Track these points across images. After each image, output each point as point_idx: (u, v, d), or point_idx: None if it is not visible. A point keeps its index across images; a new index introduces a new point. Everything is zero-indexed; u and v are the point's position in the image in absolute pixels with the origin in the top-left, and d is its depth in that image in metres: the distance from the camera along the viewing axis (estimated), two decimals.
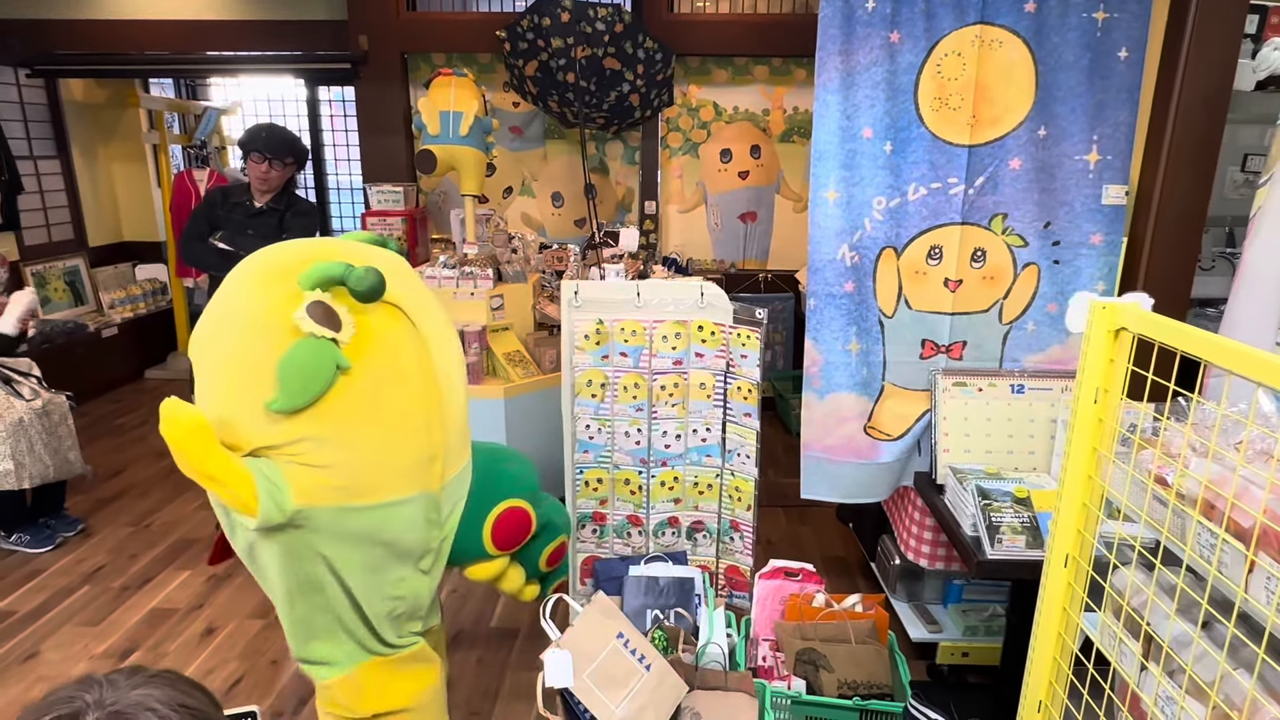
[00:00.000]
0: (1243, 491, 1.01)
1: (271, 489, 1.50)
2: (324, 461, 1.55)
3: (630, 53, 4.04)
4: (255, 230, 3.08)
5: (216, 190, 3.24)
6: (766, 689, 1.85)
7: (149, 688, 0.80)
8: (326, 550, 1.61)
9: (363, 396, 1.57)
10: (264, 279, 1.59)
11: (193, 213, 3.18)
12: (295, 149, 3.17)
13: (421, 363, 1.67)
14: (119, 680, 0.81)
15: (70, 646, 2.48)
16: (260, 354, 1.50)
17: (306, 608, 1.67)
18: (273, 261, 1.62)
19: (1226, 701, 1.01)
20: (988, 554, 1.83)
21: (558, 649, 1.68)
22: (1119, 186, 2.16)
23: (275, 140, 3.11)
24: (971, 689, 2.33)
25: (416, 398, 1.66)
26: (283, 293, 1.53)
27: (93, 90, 5.08)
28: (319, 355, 1.51)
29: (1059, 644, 1.34)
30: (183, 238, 3.17)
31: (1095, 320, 1.21)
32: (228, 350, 1.54)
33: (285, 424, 1.51)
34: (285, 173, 3.14)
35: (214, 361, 1.56)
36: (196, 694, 0.84)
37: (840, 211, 2.23)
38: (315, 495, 1.55)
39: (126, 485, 3.63)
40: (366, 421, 1.58)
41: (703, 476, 2.38)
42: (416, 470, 1.67)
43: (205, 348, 1.58)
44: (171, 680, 0.83)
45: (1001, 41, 2.11)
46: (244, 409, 1.52)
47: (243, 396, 1.52)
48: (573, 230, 4.76)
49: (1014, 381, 2.21)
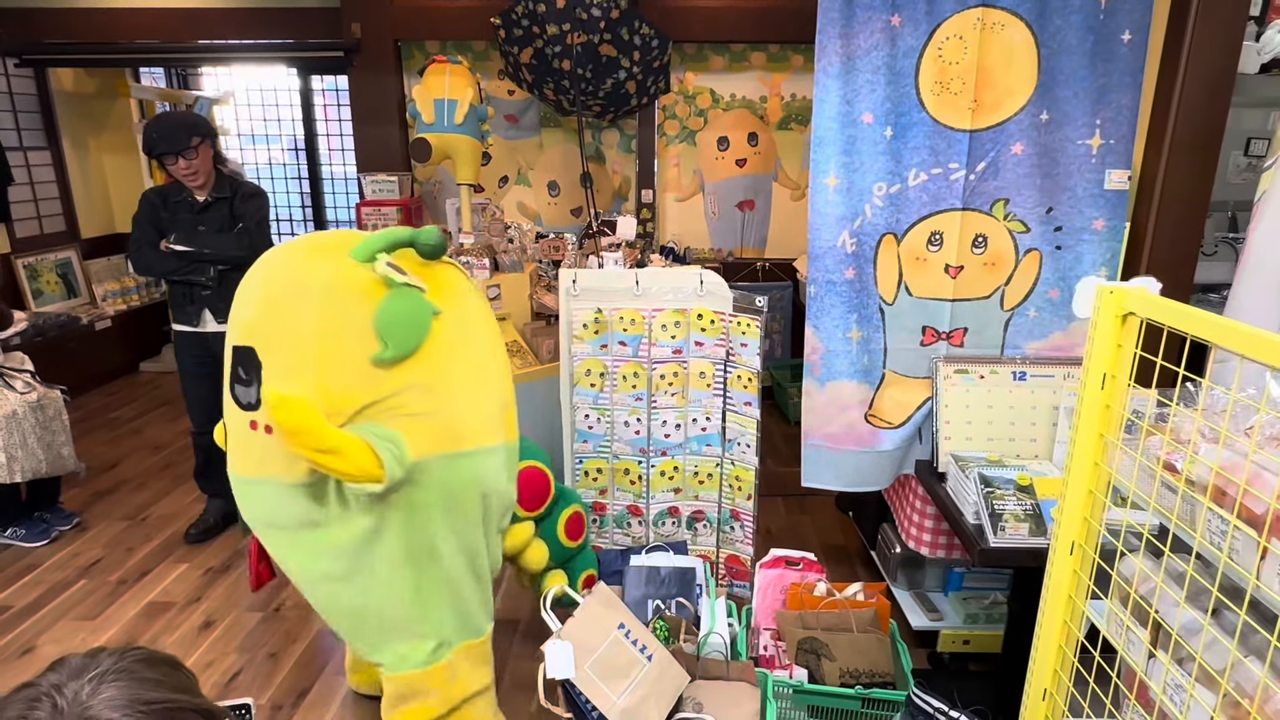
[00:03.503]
0: (1254, 477, 0.99)
1: (389, 446, 1.53)
2: (427, 409, 1.59)
3: (626, 39, 4.00)
4: (207, 226, 2.87)
5: (153, 192, 2.93)
6: (768, 678, 1.84)
7: (109, 689, 0.73)
8: (442, 509, 1.65)
9: (451, 342, 1.64)
10: (316, 253, 1.60)
11: (134, 220, 2.87)
12: (196, 127, 2.82)
13: (484, 311, 1.77)
14: (74, 689, 0.72)
15: (67, 641, 2.47)
16: (352, 314, 1.53)
17: (425, 585, 1.70)
18: (312, 242, 1.67)
19: (1237, 689, 1.00)
20: (990, 542, 1.82)
21: (559, 640, 1.67)
22: (1122, 171, 2.14)
23: (169, 131, 2.77)
24: (973, 677, 2.33)
25: (489, 344, 1.75)
26: (344, 262, 1.56)
27: (83, 80, 5.03)
28: (416, 303, 1.57)
29: (1064, 632, 1.33)
30: (131, 247, 2.89)
31: (1103, 305, 1.19)
32: (315, 319, 1.53)
33: (391, 376, 1.56)
34: (204, 156, 2.82)
35: (298, 334, 1.54)
36: (161, 680, 0.76)
37: (840, 198, 2.20)
38: (425, 444, 1.59)
39: (121, 479, 3.61)
40: (457, 365, 1.65)
41: (703, 466, 2.36)
42: (498, 416, 1.75)
43: (280, 326, 1.55)
44: (132, 670, 0.75)
45: (1004, 24, 2.09)
46: (348, 370, 1.54)
47: (343, 358, 1.53)
48: (569, 219, 4.72)
49: (1016, 368, 2.20)
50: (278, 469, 1.60)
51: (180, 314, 2.95)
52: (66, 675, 0.74)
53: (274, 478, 1.61)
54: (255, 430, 1.59)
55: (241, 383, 1.59)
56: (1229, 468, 1.03)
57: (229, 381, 1.62)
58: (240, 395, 1.60)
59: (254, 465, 1.64)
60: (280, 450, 1.54)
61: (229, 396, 1.64)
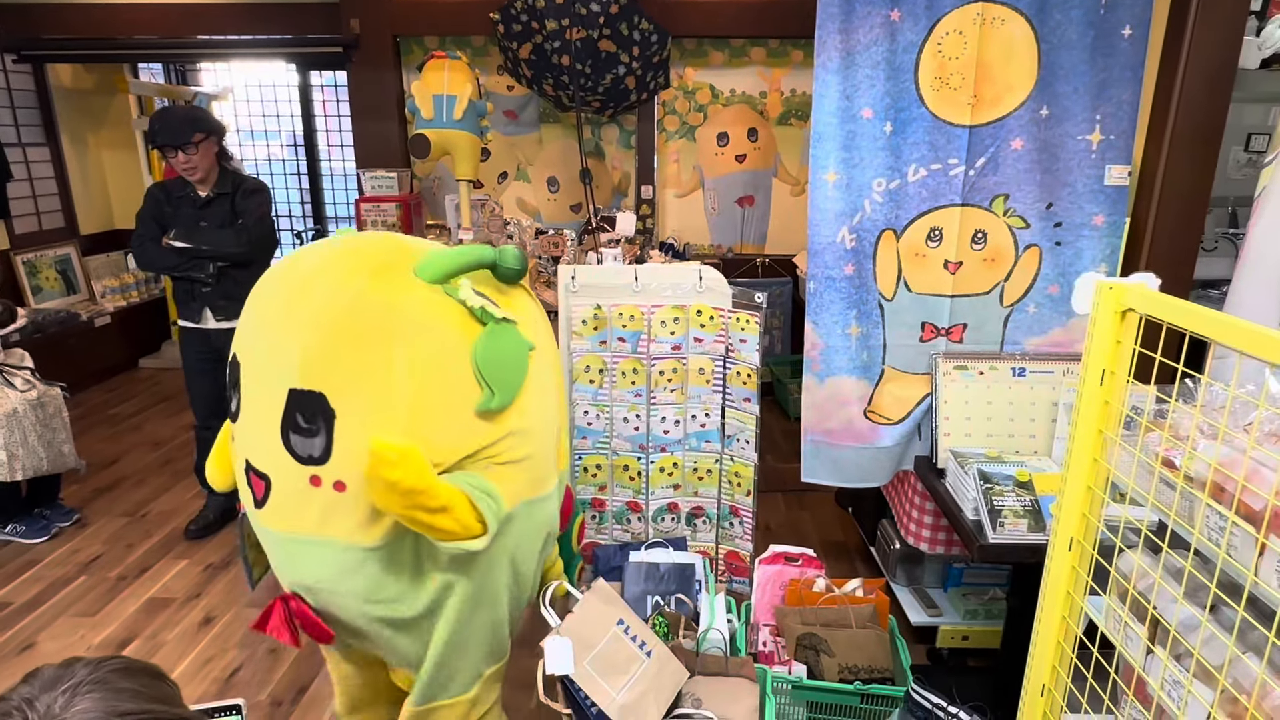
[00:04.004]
0: (1253, 473, 0.99)
1: (487, 501, 1.35)
2: (521, 455, 1.43)
3: (626, 35, 3.99)
4: (209, 222, 2.87)
5: (156, 186, 2.94)
6: (768, 674, 1.85)
7: (82, 700, 0.71)
8: (510, 555, 1.51)
9: (540, 379, 1.48)
10: (381, 275, 1.37)
11: (138, 215, 2.89)
12: (200, 123, 2.79)
13: (552, 336, 1.60)
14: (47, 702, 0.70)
15: (67, 637, 2.47)
16: (450, 354, 1.33)
17: (477, 628, 1.57)
18: (366, 259, 1.41)
19: (1235, 685, 1.00)
20: (989, 538, 1.82)
21: (558, 636, 1.66)
22: (1122, 167, 2.14)
23: (173, 125, 2.76)
24: (971, 672, 2.33)
25: (559, 373, 1.58)
26: (423, 287, 1.35)
27: (81, 76, 5.02)
28: (515, 341, 1.39)
29: (1063, 627, 1.33)
30: (134, 242, 2.91)
31: (1102, 301, 1.19)
32: (406, 360, 1.31)
33: (493, 424, 1.37)
34: (205, 153, 2.80)
35: (386, 379, 1.31)
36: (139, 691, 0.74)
37: (840, 193, 2.20)
38: (515, 493, 1.43)
39: (121, 475, 3.61)
40: (542, 404, 1.49)
41: (702, 462, 2.36)
42: (560, 448, 1.61)
43: (360, 369, 1.32)
44: (108, 681, 0.73)
45: (1004, 19, 2.08)
46: (448, 420, 1.34)
47: (443, 407, 1.33)
48: (568, 215, 4.72)
49: (1015, 364, 2.19)
50: (344, 530, 1.38)
51: (184, 310, 2.97)
52: (39, 688, 0.72)
53: (339, 540, 1.39)
54: (318, 486, 1.35)
55: (302, 432, 1.33)
56: (1227, 464, 1.03)
57: (282, 429, 1.35)
58: (299, 447, 1.34)
59: (312, 524, 1.39)
60: (353, 509, 1.34)
61: (276, 445, 1.36)
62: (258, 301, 1.46)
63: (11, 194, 4.47)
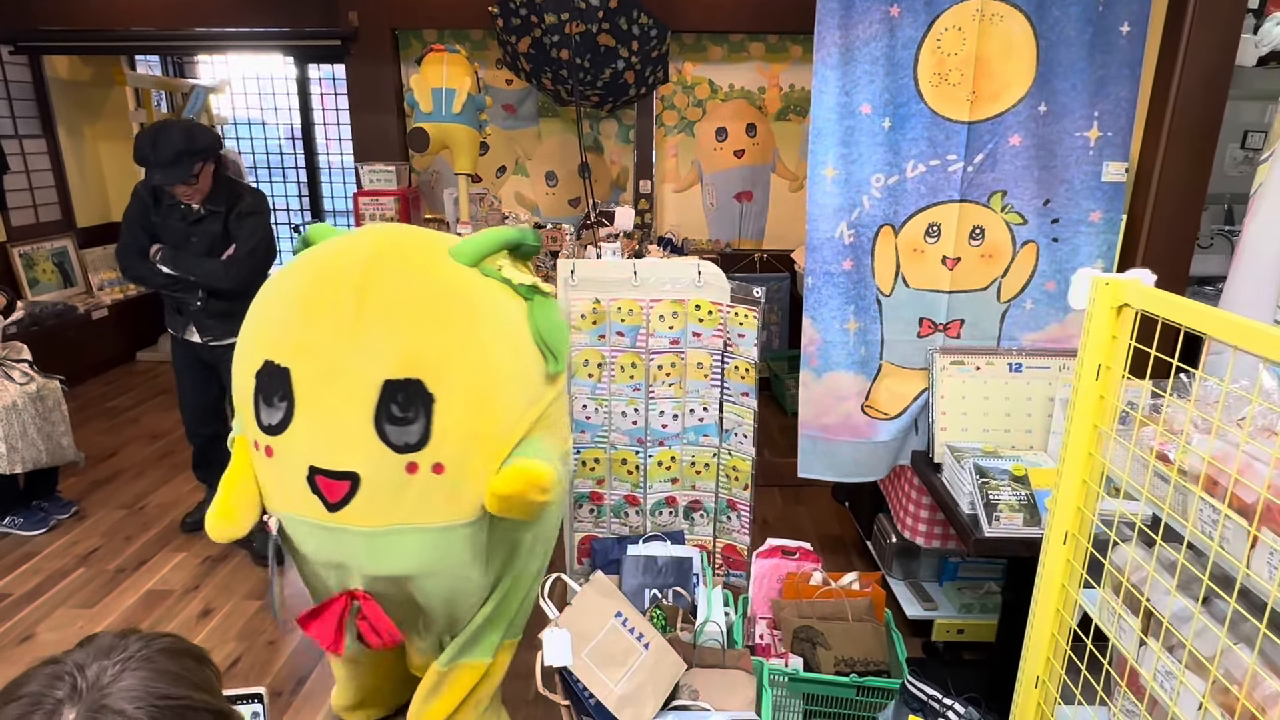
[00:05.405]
0: (1245, 467, 1.00)
1: (562, 470, 1.55)
2: (559, 416, 1.62)
3: (625, 29, 3.98)
4: (199, 239, 2.64)
5: (144, 187, 2.63)
6: (764, 666, 1.86)
7: (129, 677, 0.71)
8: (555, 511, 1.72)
9: None
10: (432, 259, 1.51)
11: (124, 218, 2.65)
12: (196, 153, 2.50)
13: None
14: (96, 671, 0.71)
15: (66, 628, 2.48)
16: (523, 328, 1.50)
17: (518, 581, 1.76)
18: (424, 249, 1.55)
19: (1227, 676, 1.01)
20: (985, 532, 1.83)
21: (556, 628, 1.68)
22: (1119, 163, 2.15)
23: (167, 159, 2.45)
24: (967, 665, 2.35)
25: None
26: (460, 267, 1.51)
27: (78, 67, 5.00)
28: (556, 310, 1.58)
29: (1057, 620, 1.34)
30: (120, 251, 2.71)
31: (1098, 296, 1.20)
32: (497, 339, 1.46)
33: (553, 386, 1.57)
34: (206, 175, 2.57)
35: (485, 358, 1.43)
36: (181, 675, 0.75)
37: (838, 189, 2.21)
38: (564, 452, 1.65)
39: (119, 468, 3.61)
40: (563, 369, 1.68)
41: (700, 456, 2.37)
42: None
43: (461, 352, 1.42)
44: (155, 660, 0.74)
45: (1003, 16, 2.08)
46: (531, 386, 1.51)
47: (525, 374, 1.51)
48: (567, 210, 4.72)
49: (1012, 360, 2.20)
50: (443, 512, 1.46)
51: (170, 321, 2.84)
52: (92, 655, 0.73)
53: (438, 522, 1.46)
54: (414, 473, 1.40)
55: (398, 422, 1.38)
56: (1221, 458, 1.04)
57: (375, 422, 1.38)
58: (395, 436, 1.39)
59: (407, 511, 1.44)
60: (451, 490, 1.43)
61: (366, 440, 1.39)
62: (302, 310, 1.46)
63: (8, 186, 4.46)
